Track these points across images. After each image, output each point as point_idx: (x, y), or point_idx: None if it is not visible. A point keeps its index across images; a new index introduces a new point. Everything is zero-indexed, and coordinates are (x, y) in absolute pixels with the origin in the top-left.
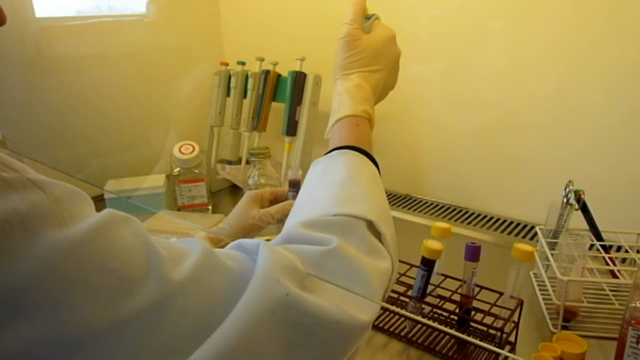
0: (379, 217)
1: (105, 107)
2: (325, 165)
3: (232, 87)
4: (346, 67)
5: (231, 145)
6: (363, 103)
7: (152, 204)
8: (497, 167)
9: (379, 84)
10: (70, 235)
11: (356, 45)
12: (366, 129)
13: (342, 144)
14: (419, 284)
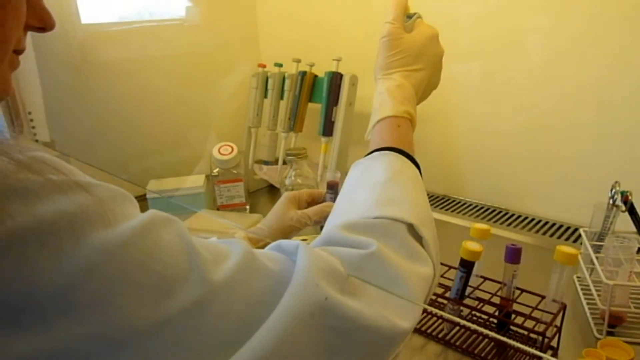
0: (421, 220)
1: (147, 109)
2: (365, 167)
3: (269, 89)
4: (387, 66)
5: (268, 145)
6: (404, 103)
7: (192, 204)
8: (538, 167)
9: (422, 83)
10: (115, 236)
11: (398, 45)
12: (407, 130)
13: (383, 146)
14: (457, 286)
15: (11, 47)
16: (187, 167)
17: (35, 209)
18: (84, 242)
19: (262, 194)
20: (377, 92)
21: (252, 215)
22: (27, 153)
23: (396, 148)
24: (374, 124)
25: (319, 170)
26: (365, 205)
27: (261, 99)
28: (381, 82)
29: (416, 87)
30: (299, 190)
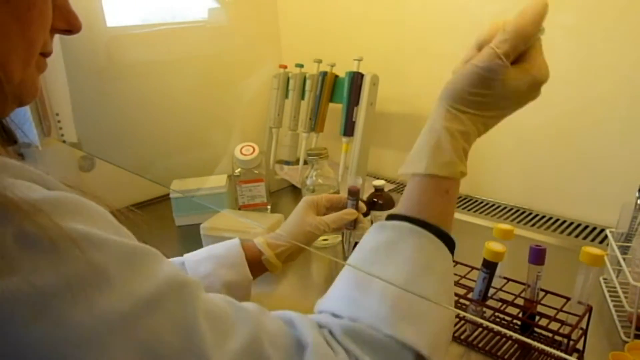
0: (434, 345)
1: (171, 110)
2: (391, 242)
3: (290, 89)
4: (464, 102)
5: (289, 146)
6: (462, 159)
7: (214, 203)
8: (563, 166)
9: (487, 130)
10: (117, 307)
11: (494, 86)
12: (455, 196)
13: (421, 216)
14: (480, 287)
15: (38, 49)
16: (210, 167)
17: (32, 276)
18: (83, 309)
19: (283, 194)
20: (434, 122)
21: (274, 215)
22: (38, 196)
23: (433, 225)
24: (416, 169)
25: (340, 170)
26: (379, 307)
27: (282, 100)
28: (445, 114)
29: (480, 135)
30: (318, 195)
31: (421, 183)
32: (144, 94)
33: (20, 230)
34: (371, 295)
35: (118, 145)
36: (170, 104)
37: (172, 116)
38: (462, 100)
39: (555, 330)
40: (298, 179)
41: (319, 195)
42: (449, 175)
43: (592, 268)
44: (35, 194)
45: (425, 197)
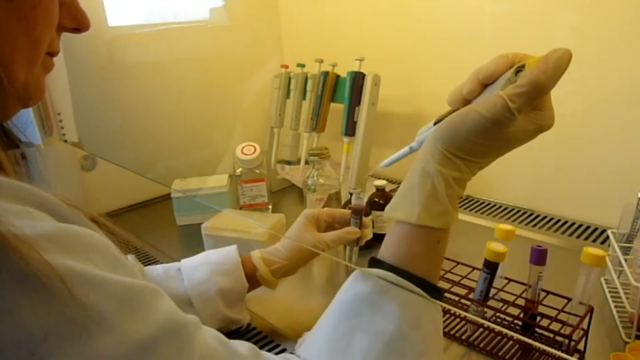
0: None
1: (172, 110)
2: (377, 294)
3: (291, 89)
4: (463, 149)
5: (290, 145)
6: (455, 206)
7: (215, 203)
8: (565, 166)
9: (479, 171)
10: (110, 353)
11: (498, 138)
12: (445, 244)
13: (409, 268)
14: (481, 287)
15: (43, 49)
16: (211, 167)
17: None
18: (73, 355)
19: (284, 193)
20: (428, 165)
21: (275, 215)
22: (32, 231)
23: (421, 279)
24: (407, 216)
25: (341, 170)
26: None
27: (284, 99)
28: (440, 158)
29: (472, 176)
30: (319, 210)
31: (411, 232)
32: (146, 93)
33: (10, 267)
34: (352, 355)
35: (119, 145)
36: (172, 104)
37: (173, 116)
38: (461, 147)
39: (556, 331)
40: (299, 178)
41: (320, 210)
42: (442, 227)
43: (593, 269)
44: (31, 228)
45: (415, 248)
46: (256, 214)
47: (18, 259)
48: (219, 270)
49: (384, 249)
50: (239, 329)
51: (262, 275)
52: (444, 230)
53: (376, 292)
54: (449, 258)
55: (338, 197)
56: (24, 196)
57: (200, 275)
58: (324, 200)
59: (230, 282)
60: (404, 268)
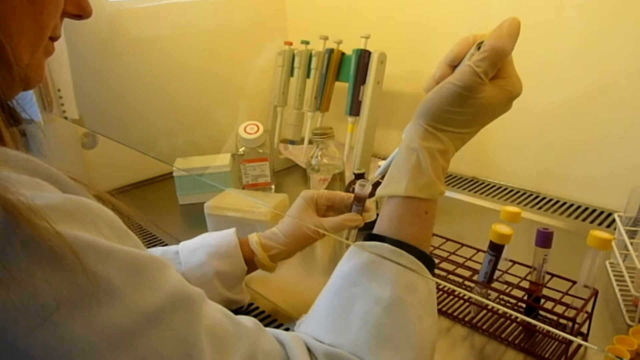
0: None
1: (174, 87)
2: (373, 263)
3: (295, 67)
4: (442, 121)
5: (294, 125)
6: (441, 178)
7: (218, 182)
8: (572, 148)
9: (463, 145)
10: (119, 320)
11: (472, 104)
12: (433, 216)
13: (401, 237)
14: (485, 269)
15: (48, 33)
16: (214, 146)
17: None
18: (84, 323)
19: (287, 173)
20: (413, 141)
21: (278, 195)
22: (43, 201)
23: (413, 247)
24: (395, 191)
25: (345, 150)
26: (361, 335)
27: (287, 78)
28: (423, 133)
29: (457, 150)
30: (318, 192)
31: (400, 204)
32: (147, 70)
33: (23, 237)
34: (352, 321)
35: (121, 122)
36: (174, 81)
37: (175, 93)
38: (440, 118)
39: (560, 314)
40: (303, 158)
41: (319, 192)
42: (428, 197)
43: (599, 252)
44: (40, 198)
45: (404, 218)
46: (259, 194)
47: (30, 228)
48: (216, 253)
49: (378, 224)
50: (240, 308)
51: (261, 260)
52: (431, 201)
53: (372, 262)
54: (453, 240)
55: (342, 177)
56: (32, 168)
57: (197, 258)
58: (328, 180)
59: (228, 265)
60: (397, 238)
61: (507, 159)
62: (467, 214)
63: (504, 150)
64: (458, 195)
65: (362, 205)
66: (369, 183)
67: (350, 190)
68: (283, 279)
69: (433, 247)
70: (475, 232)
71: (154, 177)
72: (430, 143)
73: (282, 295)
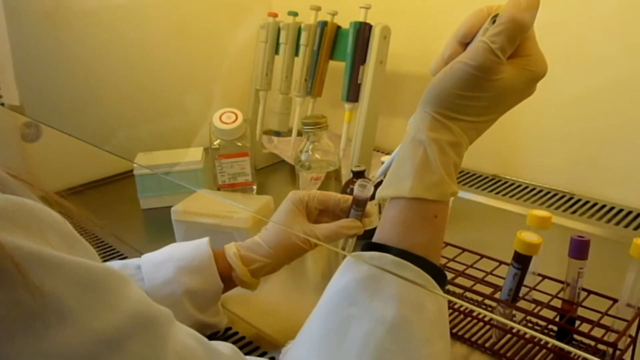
0: None
1: (135, 67)
2: (373, 278)
3: (281, 43)
4: (453, 108)
5: (280, 113)
6: (452, 176)
7: (188, 182)
8: (611, 141)
9: (479, 136)
10: (71, 348)
11: (488, 87)
12: (444, 220)
13: (405, 246)
14: (509, 285)
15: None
16: (183, 138)
17: None
18: (27, 350)
19: (272, 171)
20: (419, 132)
21: (260, 197)
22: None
23: (421, 257)
24: (398, 192)
25: (342, 143)
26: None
27: (271, 56)
28: (431, 123)
29: (471, 143)
30: (308, 193)
31: (405, 208)
32: (103, 47)
33: None
34: (349, 346)
35: (70, 111)
36: (136, 60)
37: (136, 75)
38: (451, 105)
39: (598, 338)
40: (290, 153)
41: (310, 194)
42: (438, 198)
43: None
44: None
45: (410, 224)
46: (238, 196)
47: None
48: (186, 268)
49: (379, 231)
50: (216, 333)
51: (240, 276)
52: (441, 203)
53: (372, 276)
54: (470, 250)
55: (338, 176)
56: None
57: (163, 274)
58: (321, 179)
59: (200, 282)
60: (401, 248)
61: (534, 153)
62: (487, 219)
63: (530, 143)
64: (476, 197)
65: (362, 210)
66: (371, 183)
67: (347, 191)
68: (267, 298)
69: (446, 259)
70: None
71: (110, 175)
72: (440, 134)
73: (265, 318)
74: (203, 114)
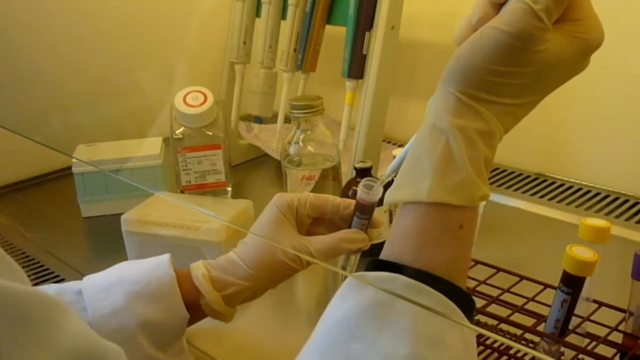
0: None
1: (75, 37)
2: (379, 306)
3: (263, 2)
4: (483, 86)
5: (262, 93)
6: (484, 174)
7: (143, 182)
8: None
9: (516, 124)
10: None
11: (529, 60)
12: (472, 233)
13: (422, 264)
14: (556, 315)
15: None
16: (136, 126)
17: None
18: None
19: (251, 168)
20: (440, 119)
21: (237, 202)
22: None
23: (442, 279)
24: (417, 192)
25: (342, 132)
26: None
27: (251, 19)
28: (455, 106)
29: (506, 132)
30: (298, 197)
31: (423, 215)
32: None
33: None
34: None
35: None
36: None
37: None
38: (481, 83)
39: None
40: (275, 145)
41: (301, 198)
42: (464, 204)
43: None
44: None
45: (428, 236)
46: (208, 201)
47: None
48: (141, 294)
49: (388, 245)
50: None
51: (211, 305)
52: (468, 210)
53: (380, 304)
54: (508, 270)
55: (337, 174)
56: None
57: (111, 302)
58: (315, 179)
59: (159, 312)
60: (417, 267)
61: (589, 146)
62: (528, 230)
63: (583, 134)
64: (513, 201)
65: (368, 218)
66: (379, 183)
67: (349, 194)
68: (245, 332)
69: (475, 282)
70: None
71: (42, 174)
72: (467, 121)
73: (244, 357)
74: (162, 94)
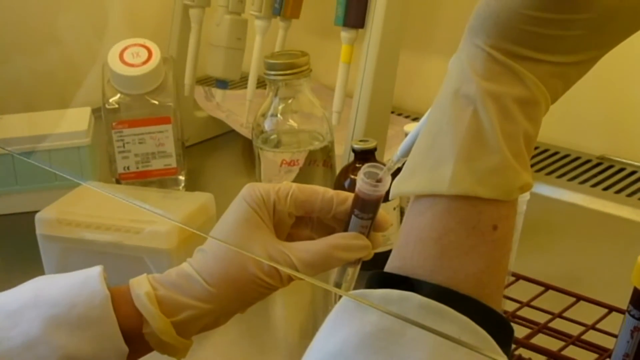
0: None
1: None
2: (387, 334)
3: None
4: (525, 39)
5: (226, 47)
6: (525, 156)
7: (65, 168)
8: None
9: (567, 89)
10: None
11: (585, 5)
12: (509, 235)
13: (442, 279)
14: (624, 347)
15: None
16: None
17: None
18: None
19: (212, 149)
20: (465, 82)
21: (193, 196)
22: None
23: (469, 298)
24: (436, 183)
25: (336, 101)
26: None
27: None
28: (484, 65)
29: (553, 101)
30: (277, 187)
31: (443, 213)
32: None
33: None
34: None
35: None
36: None
37: None
38: (520, 34)
39: None
40: (245, 118)
41: (279, 188)
42: (498, 197)
43: None
44: None
45: (451, 241)
46: (153, 194)
47: None
48: (63, 320)
49: (396, 253)
50: None
51: (157, 335)
52: (504, 205)
53: (385, 331)
54: (559, 288)
55: (328, 157)
56: None
57: (24, 330)
58: (299, 164)
59: (87, 343)
60: (436, 282)
61: None
62: (587, 233)
63: None
64: (568, 195)
65: (372, 218)
66: (385, 171)
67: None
68: None
69: (515, 303)
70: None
71: None
72: (501, 85)
73: None
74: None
